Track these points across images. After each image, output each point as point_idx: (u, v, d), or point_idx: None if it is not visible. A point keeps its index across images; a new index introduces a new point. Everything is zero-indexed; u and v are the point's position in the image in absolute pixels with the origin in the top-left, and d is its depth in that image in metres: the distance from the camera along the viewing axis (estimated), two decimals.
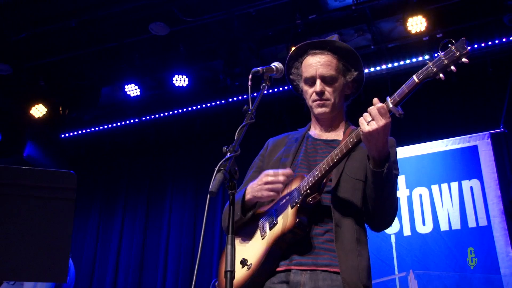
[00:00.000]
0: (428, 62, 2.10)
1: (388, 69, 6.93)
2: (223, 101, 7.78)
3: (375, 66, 6.93)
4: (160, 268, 7.97)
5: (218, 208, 7.77)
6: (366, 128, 2.11)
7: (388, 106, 2.11)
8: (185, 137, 8.51)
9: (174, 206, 8.34)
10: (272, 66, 2.47)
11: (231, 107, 7.65)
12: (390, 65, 6.90)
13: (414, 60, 6.80)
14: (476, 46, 6.58)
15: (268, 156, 2.65)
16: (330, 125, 2.60)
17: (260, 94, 2.33)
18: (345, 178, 2.36)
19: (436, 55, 2.14)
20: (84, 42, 7.13)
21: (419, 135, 6.94)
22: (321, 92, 2.51)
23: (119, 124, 8.34)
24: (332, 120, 2.60)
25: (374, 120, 2.10)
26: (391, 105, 2.11)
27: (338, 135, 2.57)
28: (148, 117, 8.18)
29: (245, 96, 6.86)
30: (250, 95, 2.28)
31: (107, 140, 8.63)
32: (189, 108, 8.00)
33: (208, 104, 7.87)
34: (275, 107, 7.70)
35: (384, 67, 6.92)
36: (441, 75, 2.08)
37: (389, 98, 2.14)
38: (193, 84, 7.49)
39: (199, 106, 7.95)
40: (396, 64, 6.89)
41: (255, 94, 2.34)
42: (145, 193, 8.62)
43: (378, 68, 6.94)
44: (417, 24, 6.31)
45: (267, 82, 2.40)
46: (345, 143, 2.24)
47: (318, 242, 2.30)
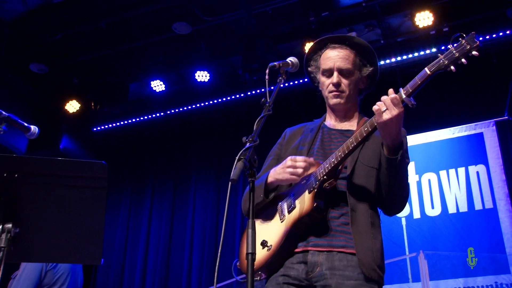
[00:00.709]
0: (440, 55, 2.07)
1: (397, 62, 6.84)
2: (242, 95, 7.75)
3: (385, 59, 6.84)
4: (187, 248, 8.05)
5: (239, 194, 7.77)
6: (381, 118, 2.08)
7: (402, 97, 2.09)
8: (207, 128, 8.52)
9: (198, 192, 8.38)
10: (288, 60, 2.43)
11: (250, 100, 7.62)
12: (399, 58, 6.81)
13: (422, 53, 6.67)
14: (481, 38, 6.46)
15: (286, 145, 2.63)
16: (344, 116, 2.57)
17: (277, 87, 2.31)
18: (359, 166, 2.33)
19: (443, 48, 2.10)
20: (113, 42, 7.17)
21: (427, 124, 6.84)
22: (338, 84, 2.48)
23: (145, 117, 8.36)
24: (346, 111, 2.57)
25: (388, 110, 2.08)
26: (404, 96, 2.08)
27: (352, 125, 2.54)
28: (173, 111, 8.18)
29: (263, 89, 6.84)
30: (268, 89, 2.26)
31: (135, 132, 8.68)
32: (211, 102, 7.98)
33: (228, 98, 7.84)
34: (291, 99, 7.66)
35: (393, 60, 6.83)
36: (452, 67, 2.04)
37: (402, 89, 2.11)
38: (214, 79, 7.50)
39: (219, 100, 7.93)
40: (404, 57, 6.78)
41: (272, 87, 2.33)
42: (171, 180, 8.67)
43: (388, 61, 6.85)
44: (424, 19, 6.25)
45: (283, 76, 2.37)
46: (360, 132, 2.22)
47: (334, 225, 2.29)
